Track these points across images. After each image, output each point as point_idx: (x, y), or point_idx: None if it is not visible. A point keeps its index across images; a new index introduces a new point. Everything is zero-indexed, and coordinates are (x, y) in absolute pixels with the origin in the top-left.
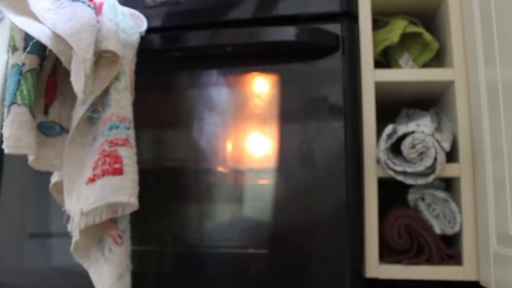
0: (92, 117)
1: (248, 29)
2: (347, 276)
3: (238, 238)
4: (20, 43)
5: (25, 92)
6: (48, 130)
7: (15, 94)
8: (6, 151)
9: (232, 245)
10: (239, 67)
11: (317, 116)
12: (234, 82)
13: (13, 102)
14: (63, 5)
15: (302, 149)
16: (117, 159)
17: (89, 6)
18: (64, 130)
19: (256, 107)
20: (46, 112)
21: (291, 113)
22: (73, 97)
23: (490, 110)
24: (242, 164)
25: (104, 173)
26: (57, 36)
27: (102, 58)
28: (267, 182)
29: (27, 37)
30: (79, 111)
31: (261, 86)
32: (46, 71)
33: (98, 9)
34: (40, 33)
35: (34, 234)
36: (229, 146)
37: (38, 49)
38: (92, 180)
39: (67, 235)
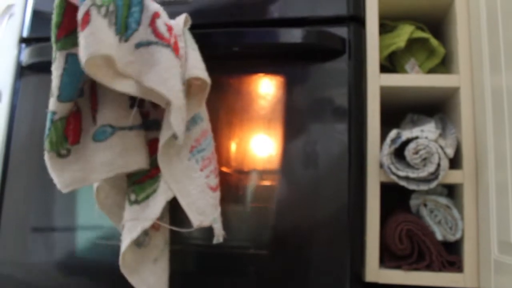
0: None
1: (255, 29)
2: (346, 279)
3: (239, 238)
4: (54, 91)
5: (54, 139)
6: (100, 135)
7: (45, 141)
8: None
9: (233, 246)
10: (245, 68)
11: (322, 118)
12: (240, 82)
13: (45, 149)
14: (141, 52)
15: (305, 151)
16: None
17: (166, 46)
18: (116, 128)
19: (262, 108)
20: (94, 120)
21: (296, 115)
22: (113, 95)
23: (495, 117)
24: (246, 165)
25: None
26: (146, 88)
27: (192, 85)
28: (269, 183)
29: (62, 86)
30: (163, 136)
31: (267, 88)
32: (87, 93)
33: (174, 47)
34: (129, 88)
35: (37, 228)
36: (233, 146)
37: (74, 95)
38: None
39: (69, 230)
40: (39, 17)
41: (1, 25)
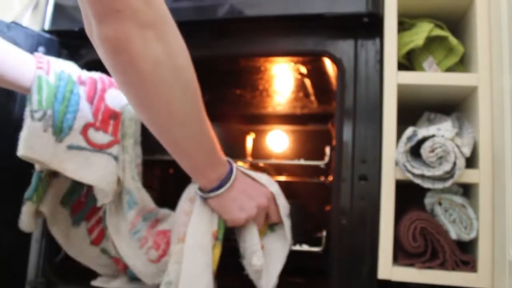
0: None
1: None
2: (359, 276)
3: None
4: None
5: (40, 192)
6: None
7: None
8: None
9: None
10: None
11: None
12: (259, 79)
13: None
14: (73, 154)
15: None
16: None
17: (97, 151)
18: None
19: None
20: None
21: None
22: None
23: None
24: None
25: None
26: None
27: None
28: (285, 179)
29: None
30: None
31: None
32: None
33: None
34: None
35: None
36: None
37: None
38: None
39: None
40: (60, 10)
41: (25, 16)
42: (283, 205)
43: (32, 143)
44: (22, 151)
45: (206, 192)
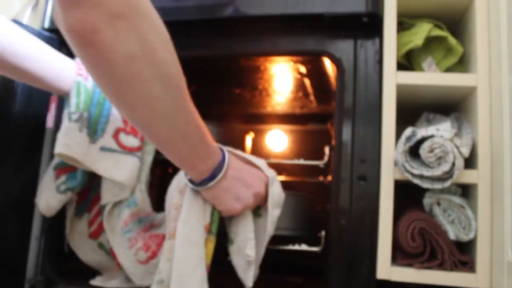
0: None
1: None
2: (358, 276)
3: None
4: None
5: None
6: None
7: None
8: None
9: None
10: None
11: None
12: (259, 79)
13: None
14: (105, 155)
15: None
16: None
17: (127, 153)
18: None
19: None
20: None
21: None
22: None
23: None
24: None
25: None
26: None
27: None
28: (284, 178)
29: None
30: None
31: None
32: None
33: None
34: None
35: None
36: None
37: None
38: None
39: None
40: None
41: (25, 14)
42: (276, 193)
43: (68, 141)
44: (58, 149)
45: (197, 185)
